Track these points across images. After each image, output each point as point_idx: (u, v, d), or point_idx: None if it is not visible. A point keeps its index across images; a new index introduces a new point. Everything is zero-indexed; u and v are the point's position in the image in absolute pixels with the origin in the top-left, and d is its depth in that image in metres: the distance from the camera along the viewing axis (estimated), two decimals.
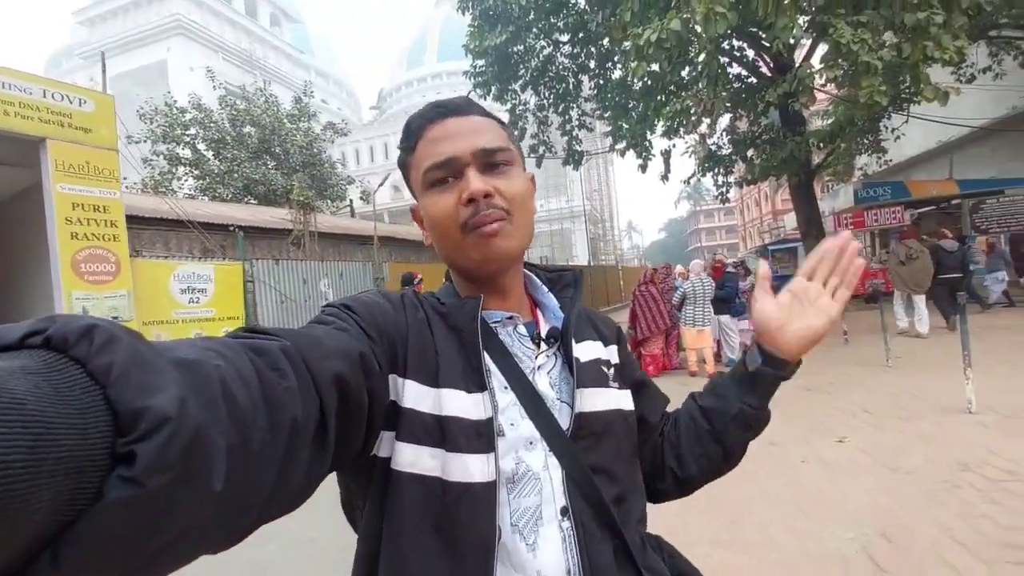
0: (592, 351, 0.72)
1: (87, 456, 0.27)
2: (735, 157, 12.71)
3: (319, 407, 0.44)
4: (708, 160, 12.33)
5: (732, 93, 10.20)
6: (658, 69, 8.61)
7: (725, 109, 10.13)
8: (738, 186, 14.90)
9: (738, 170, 13.54)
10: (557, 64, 12.84)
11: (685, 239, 77.72)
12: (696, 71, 9.61)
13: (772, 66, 10.55)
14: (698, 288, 6.84)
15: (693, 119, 9.20)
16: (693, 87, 9.64)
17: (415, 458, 0.57)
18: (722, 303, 7.17)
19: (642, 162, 12.20)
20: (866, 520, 2.65)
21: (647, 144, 11.95)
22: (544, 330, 0.71)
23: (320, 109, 24.45)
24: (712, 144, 12.71)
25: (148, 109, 16.62)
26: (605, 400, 0.68)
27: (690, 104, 8.82)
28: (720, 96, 8.81)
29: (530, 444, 0.61)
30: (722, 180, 13.35)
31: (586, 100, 13.44)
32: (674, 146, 11.98)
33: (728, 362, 7.27)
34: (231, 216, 11.05)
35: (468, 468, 0.57)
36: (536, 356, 0.67)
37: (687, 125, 9.61)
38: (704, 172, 12.96)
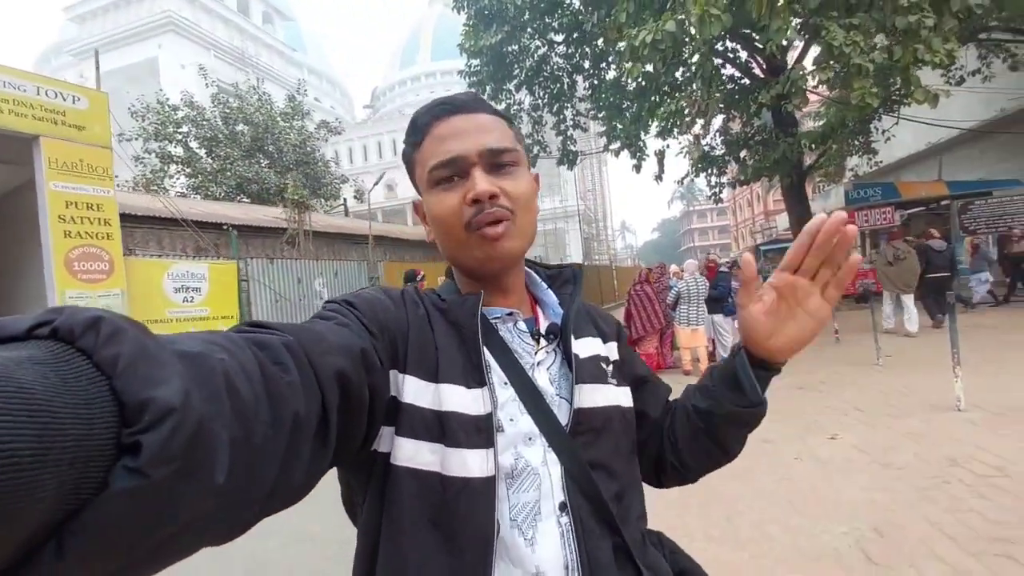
0: (591, 347, 0.72)
1: (93, 446, 0.27)
2: (728, 158, 12.80)
3: (321, 402, 0.44)
4: (702, 161, 12.41)
5: (725, 94, 10.28)
6: (652, 70, 8.67)
7: (718, 110, 10.21)
8: (731, 187, 15.01)
9: (731, 171, 13.63)
10: (552, 64, 12.88)
11: (678, 239, 78.09)
12: (690, 72, 9.69)
13: (765, 68, 10.63)
14: (692, 288, 6.87)
15: (687, 120, 9.27)
16: (687, 88, 9.72)
17: (414, 453, 0.57)
18: (715, 302, 7.22)
19: (636, 162, 12.26)
20: (859, 515, 2.70)
21: (641, 144, 12.00)
22: (544, 326, 0.71)
23: (313, 107, 24.33)
24: (705, 145, 12.79)
25: (140, 107, 16.48)
26: (604, 396, 0.68)
27: (684, 105, 8.88)
28: (714, 97, 8.88)
29: (529, 440, 0.61)
30: (715, 181, 13.43)
31: (580, 100, 13.47)
32: (668, 146, 12.04)
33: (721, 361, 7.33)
34: (224, 215, 11.00)
35: (467, 463, 0.57)
36: (536, 352, 0.68)
37: (681, 126, 9.69)
38: (698, 172, 13.04)
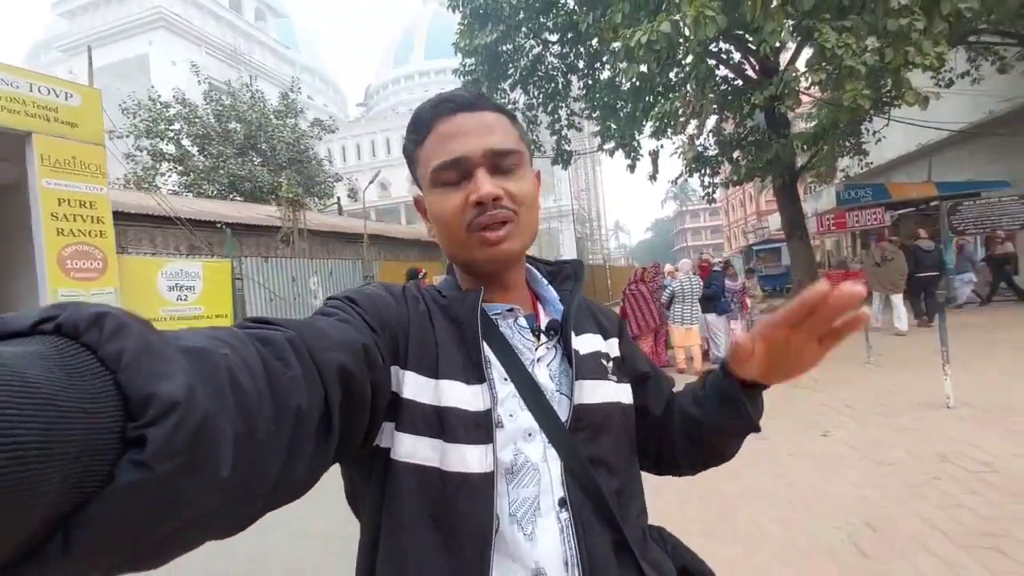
0: (592, 344, 0.72)
1: (98, 440, 0.27)
2: (721, 158, 12.88)
3: (323, 398, 0.44)
4: (695, 161, 12.49)
5: (719, 95, 10.35)
6: (647, 70, 8.71)
7: (712, 111, 10.28)
8: (724, 187, 15.08)
9: (724, 171, 13.71)
10: (546, 64, 12.91)
11: (671, 239, 78.40)
12: (684, 73, 9.75)
13: (758, 69, 10.71)
14: (687, 287, 6.91)
15: (681, 120, 9.32)
16: (681, 88, 9.77)
17: (414, 448, 0.57)
18: (708, 301, 7.28)
19: (631, 162, 12.32)
20: (852, 511, 2.75)
21: (635, 144, 12.06)
22: (544, 322, 0.71)
23: (306, 105, 24.20)
24: (699, 145, 12.87)
25: (131, 103, 16.32)
26: (604, 392, 0.68)
27: (678, 105, 8.94)
28: (708, 98, 8.95)
29: (529, 435, 0.62)
30: (709, 181, 13.51)
31: (575, 100, 13.52)
32: (662, 147, 12.11)
33: (715, 360, 7.39)
34: (218, 213, 10.93)
35: (466, 459, 0.57)
36: (536, 348, 0.68)
37: (675, 126, 9.74)
38: (691, 173, 13.11)
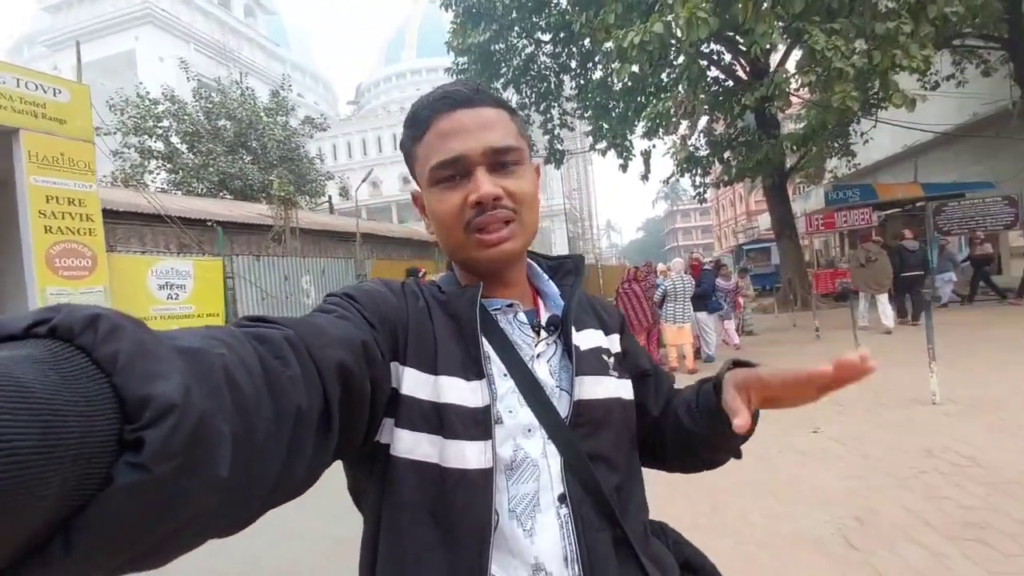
0: (592, 339, 0.72)
1: (95, 443, 0.27)
2: (712, 158, 13.00)
3: (323, 396, 0.44)
4: (687, 161, 12.58)
5: (710, 96, 10.44)
6: (639, 71, 8.77)
7: (703, 111, 10.37)
8: (715, 187, 15.20)
9: (715, 171, 13.83)
10: (539, 63, 12.94)
11: (662, 238, 78.78)
12: (676, 73, 9.83)
13: (748, 70, 10.83)
14: (679, 286, 6.95)
15: (673, 120, 9.39)
16: (673, 89, 9.85)
17: (413, 445, 0.57)
18: (699, 300, 7.35)
19: (623, 162, 12.38)
20: (839, 504, 2.80)
21: (627, 144, 12.12)
22: (544, 318, 0.71)
23: (297, 103, 24.04)
24: (690, 146, 12.97)
25: (118, 100, 16.12)
26: (605, 388, 0.67)
27: (670, 106, 9.01)
28: (699, 98, 9.03)
29: (528, 432, 0.61)
30: (699, 181, 13.61)
31: (567, 99, 13.55)
32: (654, 147, 12.18)
33: (706, 358, 7.47)
34: (208, 211, 10.84)
35: (465, 455, 0.57)
36: (536, 344, 0.67)
37: (667, 126, 9.81)
38: (683, 173, 13.21)
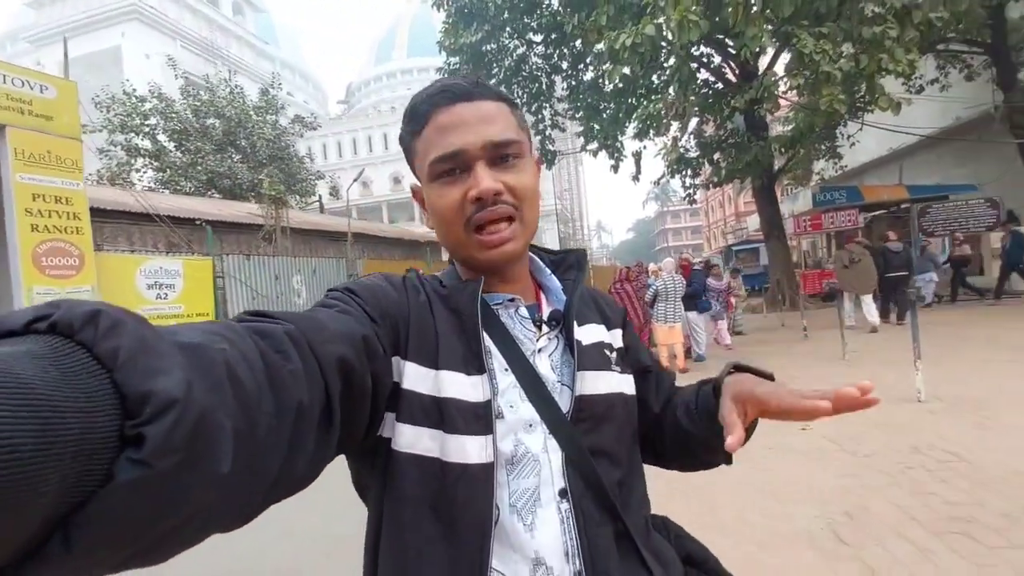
0: (594, 334, 0.71)
1: (96, 439, 0.26)
2: (702, 160, 13.11)
3: (324, 390, 0.44)
4: (677, 162, 12.69)
5: (700, 98, 10.54)
6: (630, 72, 8.83)
7: (694, 113, 10.47)
8: (704, 188, 15.33)
9: (705, 172, 13.95)
10: (530, 64, 12.97)
11: (653, 239, 79.27)
12: (667, 75, 9.91)
13: (738, 73, 10.94)
14: (670, 286, 7.00)
15: (664, 122, 9.47)
16: (664, 91, 9.93)
17: (414, 439, 0.57)
18: (690, 299, 7.41)
19: (614, 163, 12.45)
20: (830, 500, 2.86)
21: (619, 145, 12.19)
22: (546, 312, 0.70)
23: (287, 102, 23.84)
24: (681, 147, 13.09)
25: (105, 97, 15.89)
26: (607, 383, 0.67)
27: (661, 107, 9.08)
28: (690, 100, 9.11)
29: (529, 426, 0.61)
30: (690, 182, 13.72)
31: (559, 100, 13.59)
32: (645, 148, 12.28)
33: (696, 358, 7.54)
34: (197, 210, 10.74)
35: (465, 449, 0.57)
36: (537, 338, 0.67)
37: (658, 128, 9.89)
38: (673, 174, 13.31)
